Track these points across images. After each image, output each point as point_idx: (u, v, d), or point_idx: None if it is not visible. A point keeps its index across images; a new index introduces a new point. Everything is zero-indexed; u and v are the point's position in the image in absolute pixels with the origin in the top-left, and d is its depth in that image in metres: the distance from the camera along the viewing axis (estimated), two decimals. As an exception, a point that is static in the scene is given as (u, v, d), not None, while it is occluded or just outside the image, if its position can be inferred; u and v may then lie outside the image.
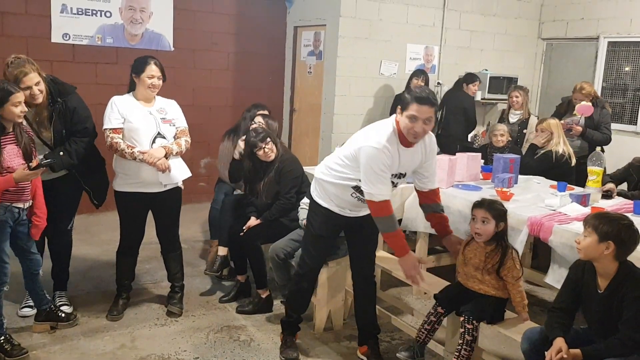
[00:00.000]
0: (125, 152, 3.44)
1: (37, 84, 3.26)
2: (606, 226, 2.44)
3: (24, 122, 3.22)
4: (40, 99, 3.30)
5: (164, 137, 3.57)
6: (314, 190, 3.18)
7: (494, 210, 2.95)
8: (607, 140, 5.38)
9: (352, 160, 2.93)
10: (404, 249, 2.92)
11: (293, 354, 3.30)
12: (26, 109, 3.06)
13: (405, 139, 2.85)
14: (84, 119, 3.51)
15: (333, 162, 3.08)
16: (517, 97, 5.69)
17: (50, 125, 3.39)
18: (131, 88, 3.61)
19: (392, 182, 2.94)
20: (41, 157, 3.19)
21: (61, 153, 3.38)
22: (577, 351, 2.44)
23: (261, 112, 4.48)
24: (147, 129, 3.52)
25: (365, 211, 3.06)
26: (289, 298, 3.44)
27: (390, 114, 6.19)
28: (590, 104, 5.28)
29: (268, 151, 3.87)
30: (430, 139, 3.01)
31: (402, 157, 2.90)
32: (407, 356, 3.13)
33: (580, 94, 5.36)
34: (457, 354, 2.92)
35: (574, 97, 5.46)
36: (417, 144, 2.93)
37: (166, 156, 3.52)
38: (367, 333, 3.35)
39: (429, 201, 3.16)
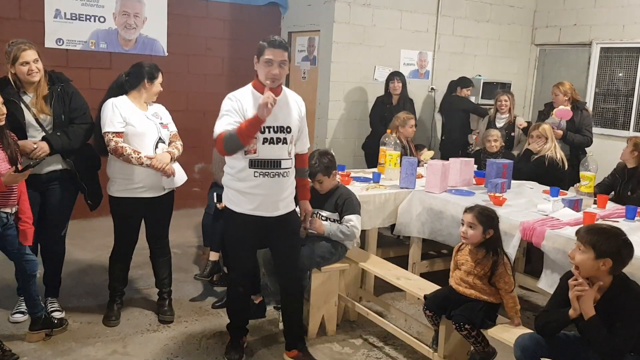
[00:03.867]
0: (133, 158, 3.41)
1: (35, 61, 3.33)
2: (605, 244, 2.42)
3: (25, 105, 3.34)
4: (37, 76, 3.35)
5: (164, 142, 3.60)
6: (225, 199, 3.16)
7: (483, 216, 2.96)
8: (588, 143, 5.47)
9: None
10: (253, 120, 2.82)
11: (235, 356, 3.29)
12: (4, 111, 3.06)
13: (263, 88, 2.91)
14: (81, 105, 3.55)
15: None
16: (506, 100, 5.83)
17: (50, 106, 3.40)
18: (125, 91, 3.56)
19: (279, 139, 2.99)
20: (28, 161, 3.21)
21: (58, 134, 3.40)
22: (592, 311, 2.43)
23: None
24: (149, 134, 3.52)
25: (280, 209, 3.08)
26: (228, 304, 3.45)
27: (371, 117, 6.29)
28: (568, 107, 5.35)
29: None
30: (300, 101, 3.17)
31: (273, 107, 2.87)
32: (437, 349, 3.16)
33: (556, 88, 5.46)
34: (474, 347, 2.97)
35: (553, 92, 5.54)
36: (289, 99, 3.08)
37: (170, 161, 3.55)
38: (296, 336, 3.34)
39: (299, 165, 3.25)
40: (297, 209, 3.37)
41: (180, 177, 3.66)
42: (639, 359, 2.47)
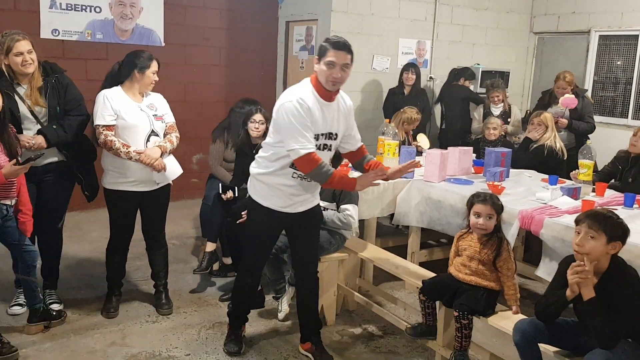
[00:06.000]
0: (121, 152, 3.37)
1: (29, 52, 3.29)
2: (616, 227, 2.46)
3: (19, 97, 3.30)
4: (31, 68, 3.31)
5: (157, 135, 3.53)
6: (252, 189, 3.07)
7: (496, 205, 2.99)
8: (592, 129, 5.51)
9: (276, 132, 2.89)
10: (351, 181, 2.89)
11: (235, 348, 3.29)
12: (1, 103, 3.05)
13: (324, 92, 2.84)
14: (77, 97, 3.51)
15: (261, 151, 3.05)
16: (497, 96, 5.92)
17: (45, 98, 3.36)
18: (119, 81, 3.52)
19: (326, 145, 2.93)
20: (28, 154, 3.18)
21: (54, 126, 3.36)
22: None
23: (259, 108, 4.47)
24: (141, 127, 3.46)
25: (306, 205, 3.06)
26: (233, 292, 3.43)
27: (384, 109, 6.30)
28: (573, 96, 5.35)
29: (259, 126, 3.99)
30: (347, 101, 3.06)
31: (327, 114, 2.87)
32: (412, 333, 3.18)
33: (564, 82, 5.47)
34: (459, 345, 2.93)
35: (557, 85, 5.56)
36: (339, 102, 2.96)
37: (161, 155, 3.48)
38: (310, 329, 3.32)
39: (361, 156, 3.18)
40: (322, 204, 3.39)
41: (173, 171, 3.59)
42: (634, 344, 2.48)
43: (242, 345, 3.33)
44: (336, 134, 2.98)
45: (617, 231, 2.45)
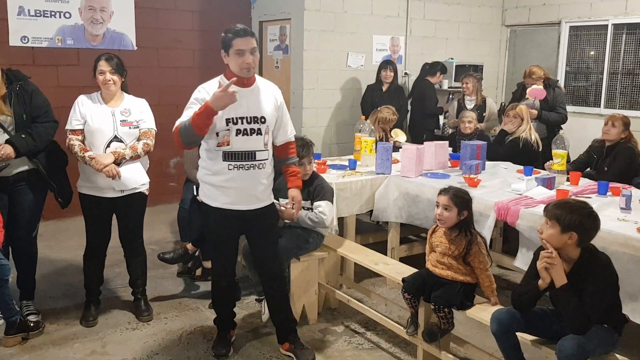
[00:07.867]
0: (78, 156, 3.38)
1: None
2: (568, 217, 2.46)
3: None
4: None
5: (121, 141, 3.46)
6: (202, 194, 3.12)
7: (457, 198, 2.97)
8: (564, 120, 5.54)
9: None
10: (205, 106, 2.77)
11: (222, 350, 3.28)
12: None
13: (239, 80, 2.86)
14: (43, 103, 3.46)
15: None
16: (467, 83, 5.90)
17: (10, 107, 3.30)
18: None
19: (253, 129, 2.94)
20: None
21: (23, 135, 3.31)
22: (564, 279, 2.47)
23: None
24: (103, 131, 3.43)
25: (257, 203, 3.05)
26: (213, 298, 3.42)
27: (362, 106, 6.31)
28: (541, 87, 5.41)
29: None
30: (278, 90, 3.11)
31: (249, 98, 2.93)
32: (412, 331, 3.17)
33: (531, 79, 5.51)
34: (438, 324, 3.01)
35: (526, 81, 5.62)
36: (260, 87, 3.01)
37: (117, 162, 3.41)
38: (286, 329, 3.31)
39: (284, 154, 3.21)
40: (278, 201, 3.36)
41: (135, 179, 3.50)
42: (609, 329, 2.52)
43: (229, 348, 3.31)
44: (263, 117, 2.98)
45: (569, 222, 2.45)
